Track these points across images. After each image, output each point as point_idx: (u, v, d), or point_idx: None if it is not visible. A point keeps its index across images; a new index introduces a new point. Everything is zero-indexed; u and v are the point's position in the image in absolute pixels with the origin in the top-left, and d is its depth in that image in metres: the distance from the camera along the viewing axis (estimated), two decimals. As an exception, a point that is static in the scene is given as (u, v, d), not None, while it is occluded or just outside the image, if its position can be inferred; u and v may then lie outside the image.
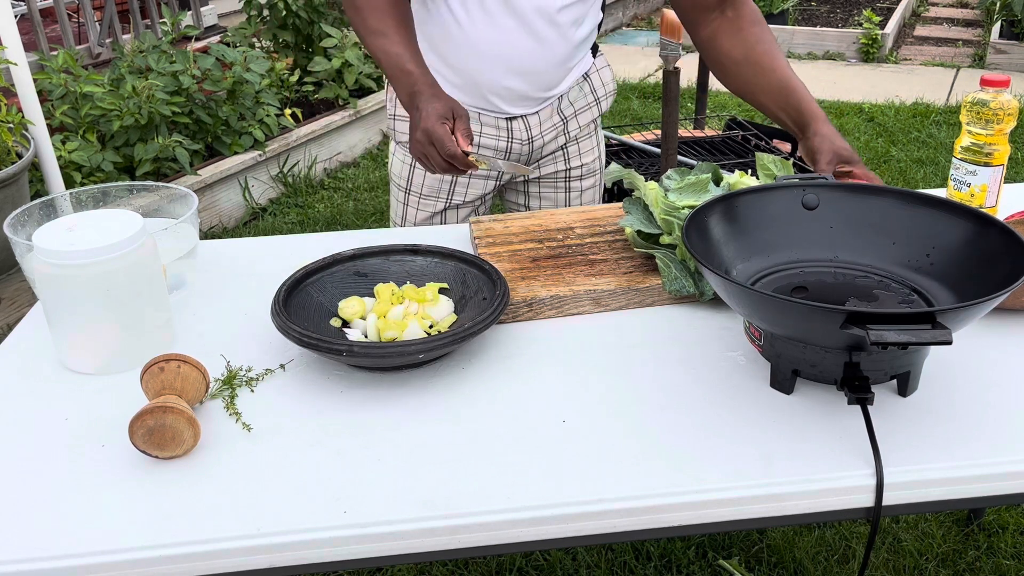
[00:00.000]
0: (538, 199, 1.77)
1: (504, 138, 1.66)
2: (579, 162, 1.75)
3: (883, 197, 1.22)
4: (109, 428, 1.08)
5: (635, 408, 1.10)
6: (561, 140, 1.71)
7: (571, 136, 1.72)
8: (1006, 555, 2.02)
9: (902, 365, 1.07)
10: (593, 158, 1.77)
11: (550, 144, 1.70)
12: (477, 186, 1.72)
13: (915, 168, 4.27)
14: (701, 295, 1.30)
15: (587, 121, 1.72)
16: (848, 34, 6.28)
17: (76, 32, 4.49)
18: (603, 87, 1.73)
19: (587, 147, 1.75)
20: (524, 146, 1.67)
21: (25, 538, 0.92)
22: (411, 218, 1.77)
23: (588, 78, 1.70)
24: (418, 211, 1.76)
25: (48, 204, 1.40)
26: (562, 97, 1.67)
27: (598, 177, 1.81)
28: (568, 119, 1.69)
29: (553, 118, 1.67)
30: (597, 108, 1.73)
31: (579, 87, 1.68)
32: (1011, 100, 1.43)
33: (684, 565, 2.01)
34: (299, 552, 0.93)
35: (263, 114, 4.10)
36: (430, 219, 1.76)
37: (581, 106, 1.70)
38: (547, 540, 0.97)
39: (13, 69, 2.95)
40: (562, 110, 1.68)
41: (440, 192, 1.72)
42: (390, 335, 1.20)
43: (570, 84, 1.67)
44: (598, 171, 1.80)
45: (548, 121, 1.67)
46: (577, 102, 1.69)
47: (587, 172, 1.76)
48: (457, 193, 1.71)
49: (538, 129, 1.67)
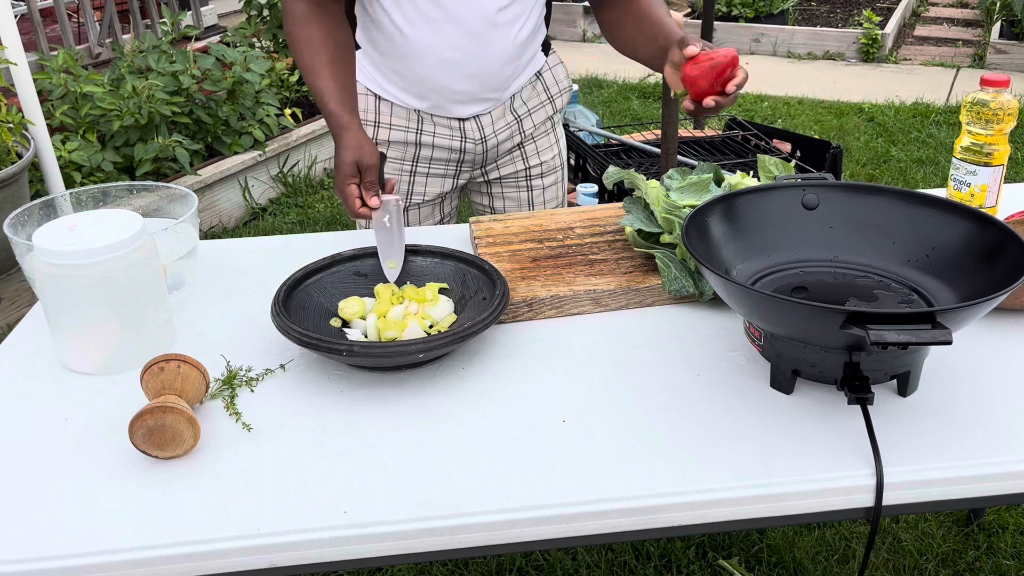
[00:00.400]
0: (501, 199, 1.79)
1: (457, 138, 1.67)
2: (538, 160, 1.76)
3: (883, 197, 1.22)
4: (109, 428, 1.08)
5: (635, 408, 1.10)
6: (516, 139, 1.72)
7: (526, 135, 1.73)
8: (1006, 555, 2.02)
9: (902, 365, 1.07)
10: (552, 155, 1.77)
11: (505, 143, 1.71)
12: (434, 184, 1.73)
13: (915, 168, 4.27)
14: (701, 295, 1.30)
15: (542, 119, 1.73)
16: (848, 34, 6.28)
17: (76, 32, 4.50)
18: (556, 85, 1.74)
19: (544, 145, 1.76)
20: (478, 146, 1.68)
21: (25, 538, 0.92)
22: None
23: (541, 76, 1.70)
24: None
25: (48, 204, 1.40)
26: (514, 96, 1.68)
27: (559, 174, 1.81)
28: (522, 118, 1.70)
29: (506, 117, 1.68)
30: (551, 106, 1.74)
31: (532, 86, 1.69)
32: (1011, 100, 1.43)
33: (684, 565, 2.01)
34: (299, 552, 0.93)
35: (263, 114, 4.09)
36: None
37: (534, 105, 1.71)
38: (547, 540, 0.97)
39: (13, 69, 2.95)
40: (515, 109, 1.68)
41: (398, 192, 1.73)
42: (390, 335, 1.20)
43: (521, 83, 1.67)
44: (559, 168, 1.80)
45: (501, 120, 1.68)
46: (530, 101, 1.70)
47: (547, 170, 1.77)
48: (415, 194, 1.73)
49: (491, 129, 1.67)
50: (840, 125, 4.85)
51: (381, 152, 1.44)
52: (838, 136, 4.70)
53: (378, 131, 1.67)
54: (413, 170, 1.71)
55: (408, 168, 1.70)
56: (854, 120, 4.93)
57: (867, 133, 4.73)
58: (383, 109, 1.66)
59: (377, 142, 1.68)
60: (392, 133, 1.67)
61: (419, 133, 1.66)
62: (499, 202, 1.79)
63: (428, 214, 1.76)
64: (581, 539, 0.97)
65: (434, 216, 1.77)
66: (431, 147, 1.68)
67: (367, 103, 1.67)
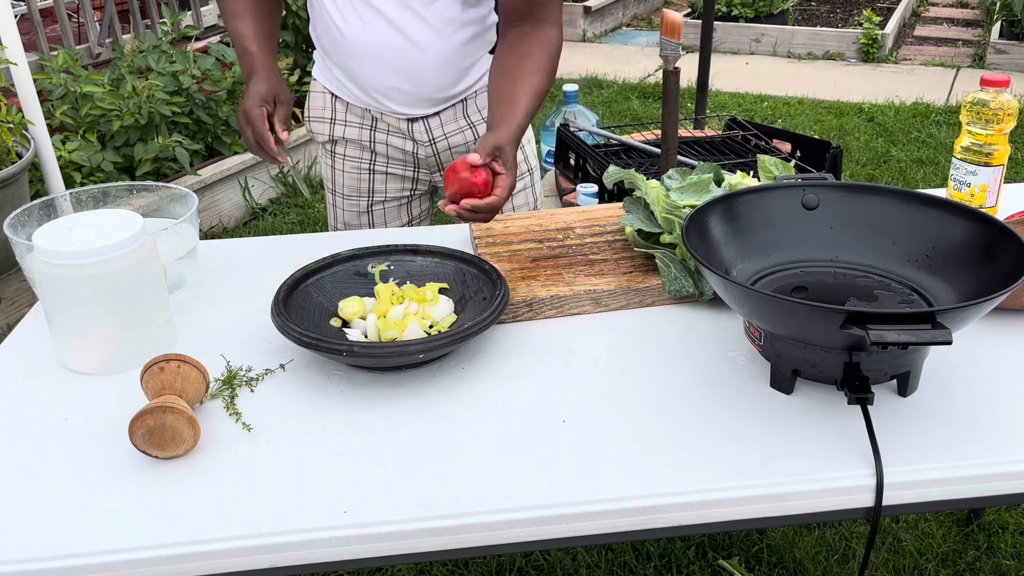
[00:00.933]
0: None
1: (409, 140, 1.68)
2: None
3: (883, 197, 1.22)
4: (109, 428, 1.08)
5: (635, 408, 1.10)
6: (471, 143, 1.70)
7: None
8: (1006, 555, 2.02)
9: (902, 365, 1.07)
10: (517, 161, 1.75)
11: (459, 148, 1.70)
12: (394, 182, 1.74)
13: (915, 168, 4.27)
14: (701, 295, 1.30)
15: None
16: (848, 34, 6.28)
17: (76, 32, 4.49)
18: None
19: None
20: (427, 148, 1.69)
21: (25, 538, 0.92)
22: (340, 219, 1.80)
23: None
24: (345, 211, 1.78)
25: (48, 204, 1.40)
26: (467, 101, 1.67)
27: (528, 179, 1.78)
28: (475, 124, 1.69)
29: (458, 122, 1.67)
30: None
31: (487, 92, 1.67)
32: (1011, 100, 1.43)
33: (684, 565, 2.01)
34: (299, 552, 0.93)
35: (263, 114, 4.09)
36: (357, 218, 1.78)
37: None
38: (547, 540, 0.97)
39: (13, 69, 2.95)
40: (468, 115, 1.67)
41: (360, 191, 1.75)
42: (390, 335, 1.20)
43: (474, 89, 1.66)
44: (527, 173, 1.77)
45: (452, 124, 1.67)
46: (485, 109, 1.66)
47: None
48: (377, 192, 1.74)
49: (440, 131, 1.67)
50: (840, 125, 4.84)
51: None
52: (838, 136, 4.69)
53: (334, 128, 1.70)
54: (371, 168, 1.72)
55: (366, 167, 1.72)
56: (854, 120, 4.93)
57: (867, 133, 4.73)
58: (339, 107, 1.69)
59: (334, 139, 1.71)
60: (348, 131, 1.69)
61: (373, 131, 1.68)
62: None
63: (395, 215, 1.78)
64: (581, 539, 0.97)
65: (401, 217, 1.79)
66: (385, 146, 1.70)
67: (324, 100, 1.70)
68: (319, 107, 1.71)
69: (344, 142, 1.71)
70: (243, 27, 1.52)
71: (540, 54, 1.48)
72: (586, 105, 4.89)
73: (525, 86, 1.44)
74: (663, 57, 1.78)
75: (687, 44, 5.88)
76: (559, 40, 1.51)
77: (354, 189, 1.75)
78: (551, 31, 1.50)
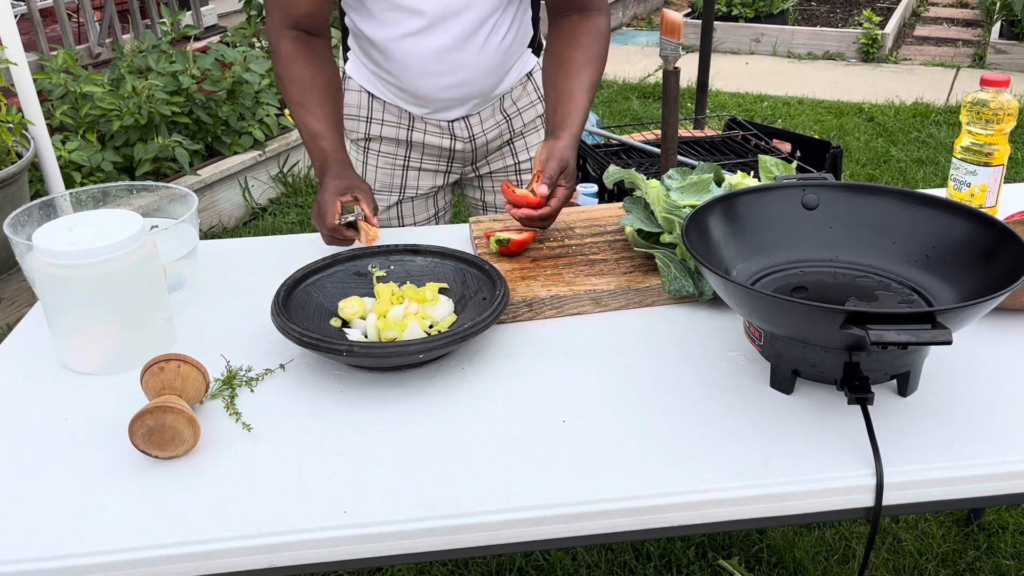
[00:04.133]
0: (492, 193, 1.81)
1: (447, 137, 1.69)
2: (527, 155, 1.77)
3: (883, 197, 1.22)
4: (109, 428, 1.08)
5: (635, 408, 1.10)
6: (506, 136, 1.74)
7: (516, 132, 1.74)
8: (1006, 555, 2.02)
9: (902, 365, 1.07)
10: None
11: (495, 141, 1.73)
12: (427, 178, 1.76)
13: (915, 168, 4.27)
14: (701, 295, 1.30)
15: (532, 118, 1.74)
16: (848, 34, 6.28)
17: (76, 32, 4.49)
18: None
19: (534, 141, 1.77)
20: (467, 144, 1.70)
21: (25, 538, 0.92)
22: None
23: (531, 77, 1.71)
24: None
25: (48, 204, 1.40)
26: (504, 96, 1.69)
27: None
28: (511, 117, 1.72)
29: (495, 116, 1.70)
30: (542, 105, 1.74)
31: (522, 86, 1.70)
32: (1011, 100, 1.43)
33: (684, 565, 2.01)
34: (299, 552, 0.93)
35: (263, 114, 4.09)
36: (386, 212, 1.78)
37: (524, 104, 1.72)
38: (547, 540, 0.97)
39: (13, 69, 2.95)
40: (505, 109, 1.70)
41: (392, 187, 1.76)
42: (390, 335, 1.20)
43: (511, 84, 1.69)
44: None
45: (490, 120, 1.69)
46: (520, 100, 1.71)
47: None
48: (409, 187, 1.75)
49: (480, 128, 1.69)
50: (840, 125, 4.84)
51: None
52: (838, 136, 4.69)
53: (370, 127, 1.70)
54: (406, 165, 1.72)
55: (400, 163, 1.72)
56: (854, 120, 4.93)
57: (867, 133, 4.73)
58: (375, 106, 1.68)
59: (369, 137, 1.70)
60: (384, 129, 1.69)
61: (410, 131, 1.68)
62: (490, 196, 1.81)
63: (422, 208, 1.78)
64: (581, 539, 0.97)
65: (428, 210, 1.79)
66: (421, 144, 1.70)
67: (360, 99, 1.69)
68: (354, 105, 1.70)
69: (380, 140, 1.71)
70: (310, 120, 1.49)
71: (592, 44, 1.52)
72: (586, 105, 4.89)
73: (580, 83, 1.49)
74: (663, 57, 1.78)
75: (687, 44, 5.88)
76: (607, 26, 1.55)
77: (386, 185, 1.75)
78: (600, 18, 1.54)
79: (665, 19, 1.76)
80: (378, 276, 1.33)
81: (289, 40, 1.51)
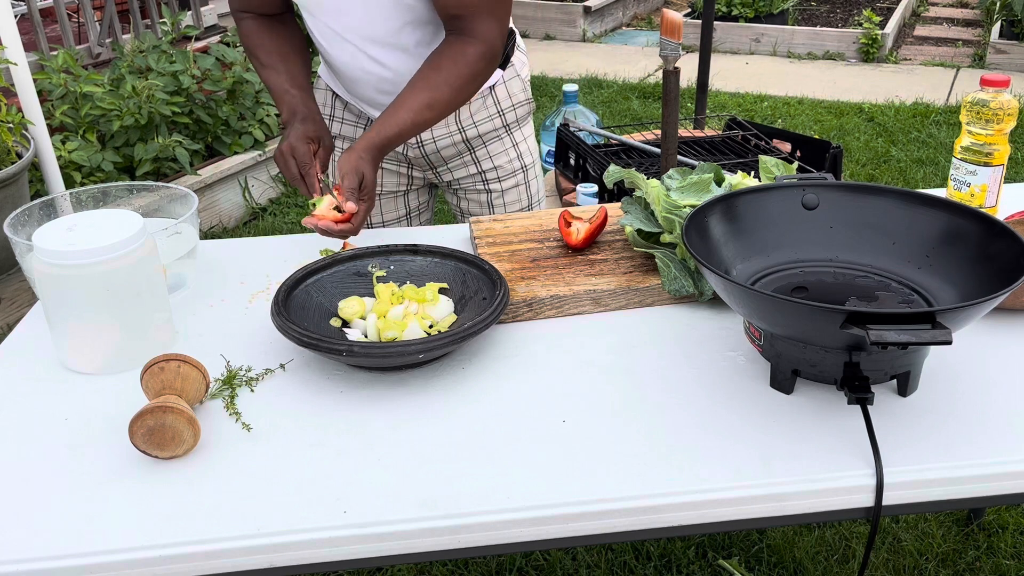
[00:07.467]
0: (465, 200, 1.80)
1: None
2: (491, 164, 1.75)
3: (883, 197, 1.22)
4: (109, 428, 1.08)
5: (635, 408, 1.10)
6: (462, 146, 1.72)
7: (472, 142, 1.72)
8: (1006, 555, 2.02)
9: (902, 365, 1.07)
10: (508, 160, 1.76)
11: (448, 149, 1.71)
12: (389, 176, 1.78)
13: (915, 168, 4.27)
14: (701, 295, 1.30)
15: (488, 130, 1.71)
16: (848, 34, 6.28)
17: (76, 32, 4.49)
18: (509, 99, 1.71)
19: (497, 150, 1.75)
20: (416, 150, 1.71)
21: (25, 538, 0.92)
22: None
23: (493, 91, 1.68)
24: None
25: (48, 204, 1.40)
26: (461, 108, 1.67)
27: (521, 177, 1.80)
28: (465, 128, 1.70)
29: (449, 127, 1.68)
30: (501, 119, 1.72)
31: (482, 99, 1.67)
32: (1011, 100, 1.43)
33: (684, 565, 2.01)
34: (299, 552, 0.93)
35: (263, 114, 4.09)
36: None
37: (481, 118, 1.69)
38: (547, 540, 0.97)
39: (13, 69, 2.95)
40: (459, 120, 1.68)
41: None
42: (390, 335, 1.20)
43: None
44: (519, 171, 1.79)
45: (441, 128, 1.68)
46: (477, 114, 1.69)
47: (504, 174, 1.76)
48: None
49: (429, 135, 1.69)
50: (840, 125, 4.84)
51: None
52: (838, 136, 4.69)
53: (332, 124, 1.76)
54: None
55: None
56: (854, 120, 4.93)
57: (867, 133, 4.73)
58: (338, 105, 1.74)
59: (333, 135, 1.74)
60: (344, 128, 1.74)
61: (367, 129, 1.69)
62: (464, 203, 1.81)
63: (391, 207, 1.81)
64: (581, 539, 0.97)
65: (397, 210, 1.82)
66: None
67: (326, 97, 1.75)
68: (321, 103, 1.75)
69: (342, 138, 1.75)
70: (276, 76, 1.54)
71: (449, 68, 1.45)
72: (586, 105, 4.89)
73: (415, 100, 1.44)
74: (663, 57, 1.78)
75: (687, 44, 5.88)
76: (477, 57, 1.46)
77: None
78: (470, 47, 1.45)
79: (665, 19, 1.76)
80: (378, 276, 1.33)
81: (251, 19, 1.59)
